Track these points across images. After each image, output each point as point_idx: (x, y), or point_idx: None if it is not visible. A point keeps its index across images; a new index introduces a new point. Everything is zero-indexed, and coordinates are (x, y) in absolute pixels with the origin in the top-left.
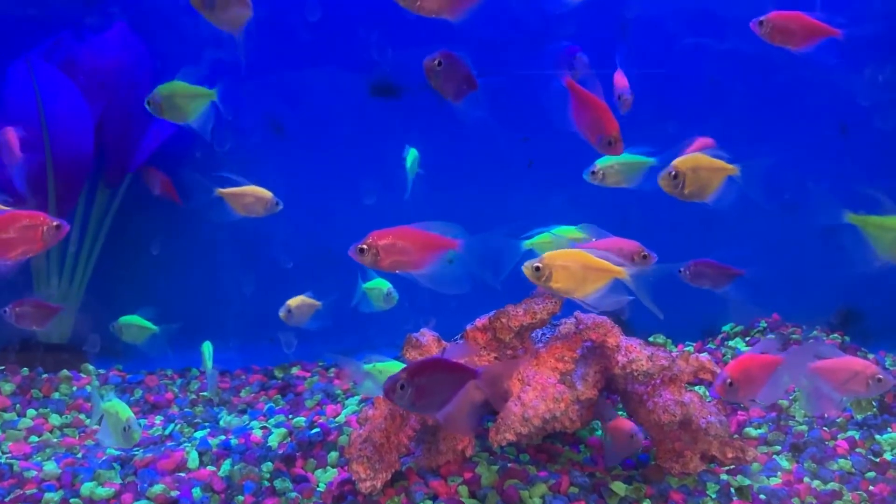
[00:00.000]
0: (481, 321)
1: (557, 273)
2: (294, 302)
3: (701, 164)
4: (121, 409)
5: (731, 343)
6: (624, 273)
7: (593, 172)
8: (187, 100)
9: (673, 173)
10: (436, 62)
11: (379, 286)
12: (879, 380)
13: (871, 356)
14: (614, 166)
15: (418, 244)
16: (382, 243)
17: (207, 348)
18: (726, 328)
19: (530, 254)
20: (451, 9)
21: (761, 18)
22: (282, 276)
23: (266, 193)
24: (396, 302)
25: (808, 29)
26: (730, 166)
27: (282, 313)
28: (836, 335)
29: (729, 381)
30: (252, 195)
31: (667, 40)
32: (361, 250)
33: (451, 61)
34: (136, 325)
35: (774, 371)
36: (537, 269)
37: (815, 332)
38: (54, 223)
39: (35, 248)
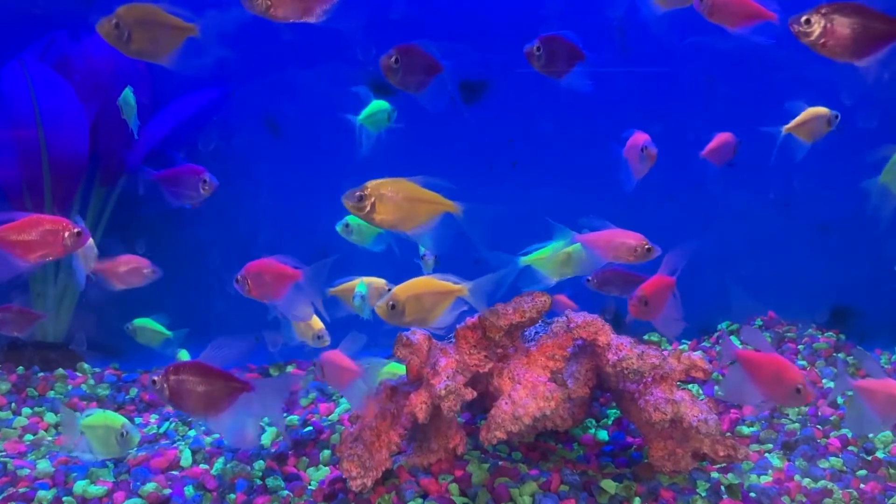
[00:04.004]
0: (471, 320)
1: (410, 305)
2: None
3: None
4: (110, 419)
5: None
6: (464, 290)
7: (346, 225)
8: None
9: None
10: (392, 59)
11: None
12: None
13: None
14: (361, 228)
15: (274, 276)
16: (251, 274)
17: (185, 357)
18: (722, 326)
19: (528, 270)
20: (304, 11)
21: None
22: None
23: None
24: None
25: (745, 10)
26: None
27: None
28: (831, 333)
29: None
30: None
31: (664, 39)
32: (237, 280)
33: (408, 55)
34: (150, 328)
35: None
36: (392, 306)
37: (810, 330)
38: (76, 229)
39: (55, 252)
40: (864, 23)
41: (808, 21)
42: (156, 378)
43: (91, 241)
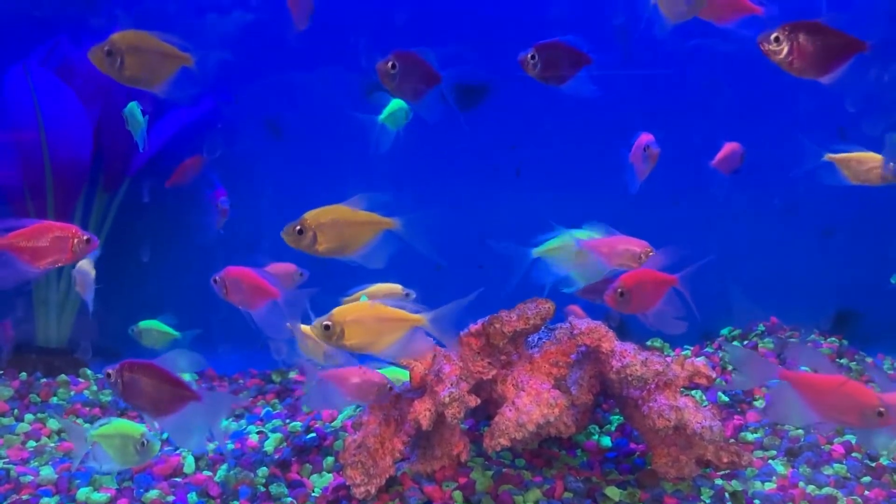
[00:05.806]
0: (475, 326)
1: (350, 329)
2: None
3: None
4: (126, 428)
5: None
6: (422, 320)
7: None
8: None
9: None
10: (389, 65)
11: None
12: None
13: (868, 359)
14: None
15: (252, 287)
16: (229, 279)
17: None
18: (724, 332)
19: (540, 262)
20: None
21: None
22: None
23: None
24: None
25: (731, 4)
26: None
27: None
28: (833, 338)
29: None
30: None
31: (666, 42)
32: (214, 280)
33: (406, 62)
34: (155, 329)
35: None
36: (326, 327)
37: (812, 336)
38: (85, 236)
39: (64, 258)
40: (825, 40)
41: (777, 39)
42: (111, 371)
43: (93, 271)
